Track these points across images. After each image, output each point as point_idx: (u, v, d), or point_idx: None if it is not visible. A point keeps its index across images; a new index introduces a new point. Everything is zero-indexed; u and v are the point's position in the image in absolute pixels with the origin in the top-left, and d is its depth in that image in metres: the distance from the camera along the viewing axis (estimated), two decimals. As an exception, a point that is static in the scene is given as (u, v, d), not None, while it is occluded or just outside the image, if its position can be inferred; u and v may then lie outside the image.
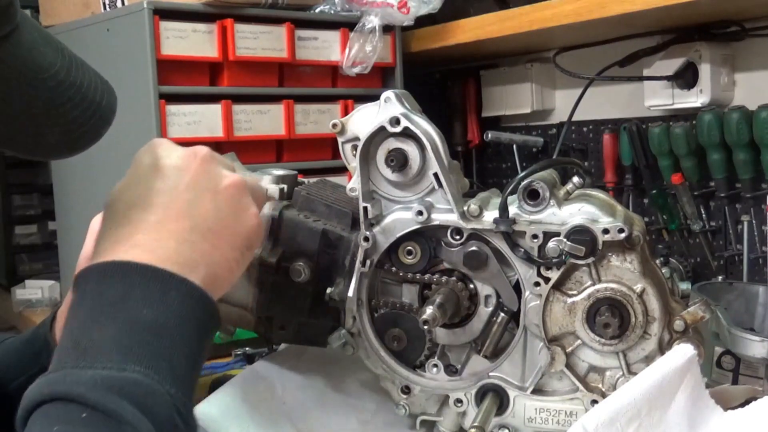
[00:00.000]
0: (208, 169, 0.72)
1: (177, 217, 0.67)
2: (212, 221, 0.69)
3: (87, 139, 0.75)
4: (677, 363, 0.78)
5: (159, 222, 0.66)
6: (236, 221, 0.71)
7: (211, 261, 0.67)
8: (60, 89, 0.70)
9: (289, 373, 0.98)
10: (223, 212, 0.70)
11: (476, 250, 0.86)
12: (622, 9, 1.33)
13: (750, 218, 1.44)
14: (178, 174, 0.70)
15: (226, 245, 0.70)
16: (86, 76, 0.74)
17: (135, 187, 0.70)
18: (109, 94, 0.76)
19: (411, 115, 0.85)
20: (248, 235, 0.73)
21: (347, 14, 1.60)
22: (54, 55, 0.71)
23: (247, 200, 0.73)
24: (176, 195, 0.69)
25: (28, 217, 2.17)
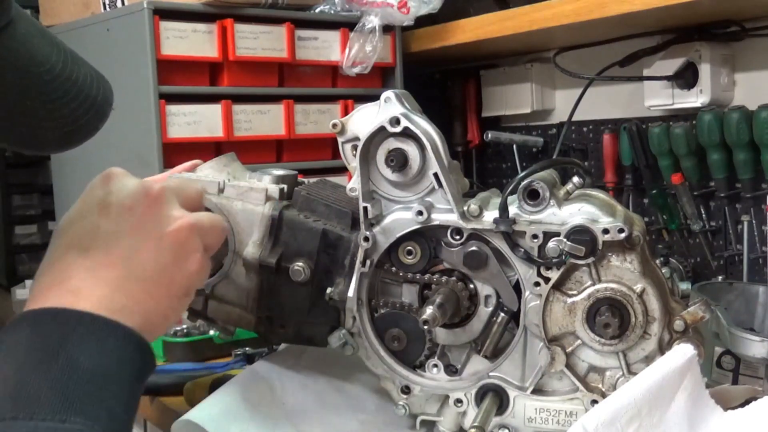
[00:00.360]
0: (157, 212, 0.71)
1: (113, 264, 0.67)
2: (150, 270, 0.69)
3: (83, 132, 0.74)
4: (677, 363, 0.78)
5: (94, 268, 0.66)
6: (177, 269, 0.71)
7: (145, 309, 0.67)
8: (55, 83, 0.70)
9: (289, 373, 0.98)
10: (163, 260, 0.70)
11: (476, 250, 0.86)
12: (622, 9, 1.33)
13: (750, 218, 1.44)
14: (124, 216, 0.69)
15: (162, 295, 0.69)
16: (82, 70, 0.73)
17: (80, 223, 0.69)
18: (105, 88, 0.76)
19: (411, 115, 0.85)
20: (187, 283, 0.72)
21: (347, 14, 1.60)
22: (49, 49, 0.70)
23: (193, 245, 0.72)
24: (117, 240, 0.68)
25: (28, 217, 2.17)
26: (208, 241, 0.74)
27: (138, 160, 1.47)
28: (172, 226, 0.71)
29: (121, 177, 0.72)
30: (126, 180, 0.72)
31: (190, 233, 0.72)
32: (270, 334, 0.93)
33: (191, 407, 0.91)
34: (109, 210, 0.69)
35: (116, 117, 1.64)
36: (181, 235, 0.71)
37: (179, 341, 1.28)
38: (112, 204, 0.69)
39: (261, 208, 0.89)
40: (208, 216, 0.77)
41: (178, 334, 1.29)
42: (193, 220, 0.72)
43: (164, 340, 1.29)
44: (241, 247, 0.89)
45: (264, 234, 0.89)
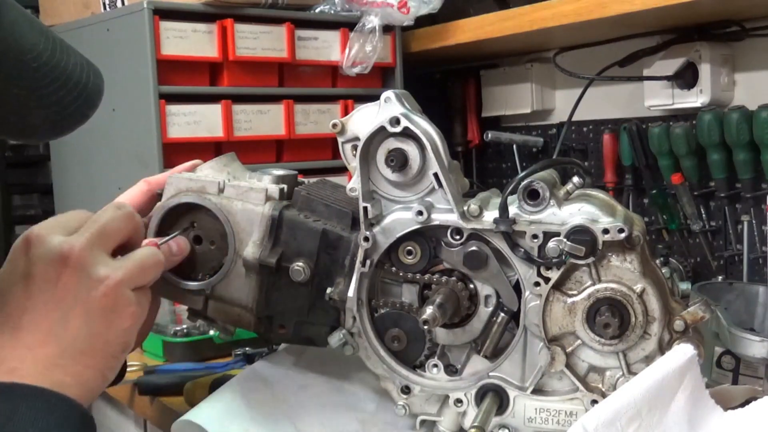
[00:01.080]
0: (81, 277, 0.70)
1: (45, 342, 0.67)
2: (82, 341, 0.69)
3: (73, 120, 0.74)
4: (677, 363, 0.78)
5: (28, 347, 0.67)
6: (110, 331, 0.71)
7: (84, 380, 0.69)
8: (44, 70, 0.69)
9: (289, 373, 0.98)
10: (95, 327, 0.70)
11: (476, 250, 0.86)
12: (622, 9, 1.33)
13: (750, 218, 1.45)
14: (45, 288, 0.69)
15: (98, 360, 0.70)
16: (71, 58, 0.73)
17: (8, 298, 0.69)
18: (95, 77, 0.75)
19: (411, 115, 0.85)
20: (123, 340, 0.72)
21: (347, 14, 1.61)
22: (37, 37, 0.70)
23: (124, 301, 0.71)
24: (45, 314, 0.68)
25: (28, 217, 2.17)
26: (142, 283, 0.74)
27: (138, 160, 1.47)
28: (98, 290, 0.70)
29: (41, 242, 0.70)
30: (46, 246, 0.70)
31: (118, 292, 0.71)
32: (270, 334, 0.93)
33: (191, 407, 0.91)
34: (31, 285, 0.69)
35: (116, 117, 1.65)
36: (110, 298, 0.70)
37: (179, 341, 1.28)
38: (35, 276, 0.69)
39: (261, 208, 0.89)
40: (138, 258, 0.74)
41: (178, 334, 1.29)
42: (120, 277, 0.71)
43: (164, 340, 1.29)
44: (241, 247, 0.89)
45: (264, 234, 0.89)
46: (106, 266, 0.71)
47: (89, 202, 1.60)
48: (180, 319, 1.32)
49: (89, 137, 1.61)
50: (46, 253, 0.70)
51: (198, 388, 1.08)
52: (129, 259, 0.74)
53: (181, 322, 1.30)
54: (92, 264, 0.70)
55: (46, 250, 0.70)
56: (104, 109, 1.66)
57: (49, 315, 0.68)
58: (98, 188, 1.61)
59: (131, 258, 0.74)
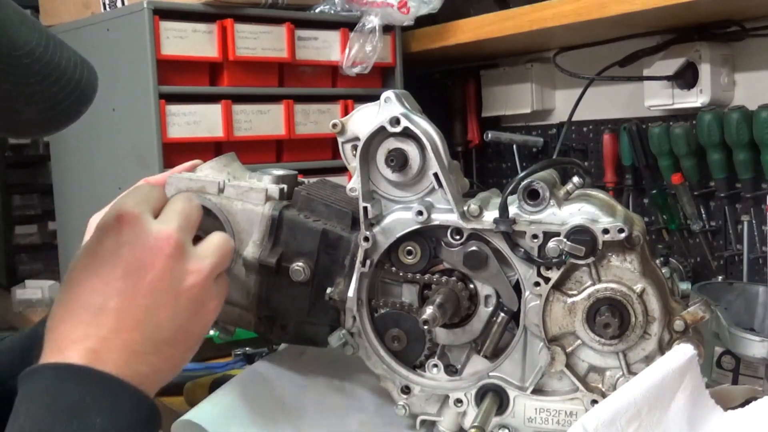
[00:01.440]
0: (174, 267, 0.69)
1: (131, 327, 0.67)
2: (167, 331, 0.69)
3: (65, 117, 0.73)
4: (677, 363, 0.78)
5: (112, 330, 0.66)
6: (193, 324, 0.71)
7: (159, 370, 0.69)
8: (36, 66, 0.68)
9: (289, 373, 0.98)
10: (180, 319, 0.70)
11: (476, 250, 0.86)
12: (622, 9, 1.33)
13: (750, 218, 1.44)
14: (140, 272, 0.68)
15: (178, 353, 0.71)
16: (65, 54, 0.72)
17: (93, 277, 0.68)
18: (89, 73, 0.75)
19: (411, 115, 0.85)
20: (203, 332, 0.73)
21: (347, 14, 1.60)
22: (29, 33, 0.69)
23: (210, 295, 0.72)
24: (134, 300, 0.67)
25: (28, 217, 2.17)
26: (222, 269, 0.74)
27: (138, 160, 1.47)
28: (187, 282, 0.70)
29: (134, 224, 0.70)
30: (142, 229, 0.69)
31: (207, 284, 0.71)
32: (270, 334, 0.93)
33: (191, 407, 0.91)
34: (126, 265, 0.68)
35: (116, 117, 1.65)
36: (198, 289, 0.71)
37: (179, 341, 1.28)
38: (128, 259, 0.68)
39: (261, 208, 0.89)
40: (218, 246, 0.74)
41: (178, 334, 1.29)
42: (209, 269, 0.71)
43: (164, 340, 1.29)
44: (241, 247, 0.89)
45: (264, 234, 0.89)
46: (196, 257, 0.71)
47: (89, 202, 1.61)
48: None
49: (89, 137, 1.61)
50: (142, 237, 0.69)
51: (198, 388, 1.08)
52: (210, 249, 0.73)
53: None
54: (186, 254, 0.70)
55: (142, 235, 0.69)
56: (104, 109, 1.67)
57: (139, 301, 0.67)
58: (98, 188, 1.61)
59: (212, 247, 0.74)
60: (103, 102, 1.61)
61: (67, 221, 1.77)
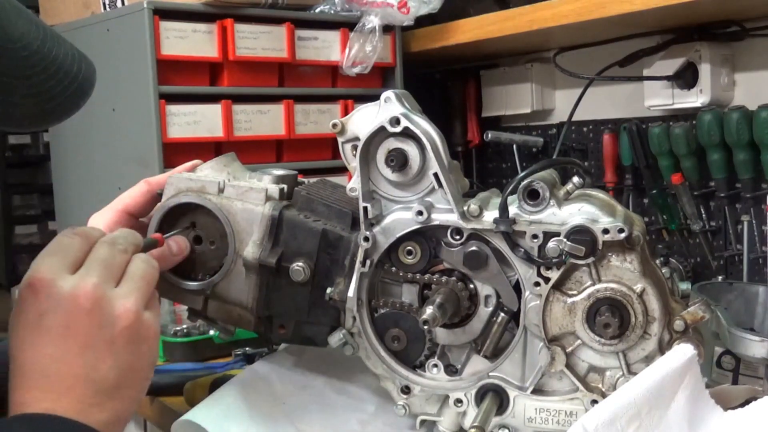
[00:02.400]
0: (100, 318, 0.68)
1: (77, 386, 0.67)
2: (114, 377, 0.69)
3: (62, 110, 0.74)
4: (677, 363, 0.78)
5: (60, 393, 0.67)
6: (139, 359, 0.71)
7: (121, 411, 0.69)
8: (33, 59, 0.69)
9: (289, 373, 0.98)
10: (123, 360, 0.69)
11: (476, 250, 0.86)
12: (622, 9, 1.33)
13: (750, 218, 1.44)
14: (66, 336, 0.68)
15: (133, 390, 0.71)
16: (62, 48, 0.72)
17: (28, 347, 0.68)
18: (87, 66, 0.75)
19: (411, 115, 0.85)
20: (152, 361, 0.73)
21: (347, 14, 1.60)
22: (26, 26, 0.69)
23: (145, 327, 0.71)
24: (70, 363, 0.67)
25: (28, 217, 2.17)
26: (149, 294, 0.73)
27: (138, 160, 1.47)
28: (118, 326, 0.69)
29: (49, 289, 0.68)
30: (56, 293, 0.68)
31: (138, 319, 0.71)
32: (270, 334, 0.93)
33: (191, 407, 0.91)
34: (50, 335, 0.67)
35: (116, 117, 1.65)
36: (132, 329, 0.70)
37: (179, 341, 1.28)
38: (51, 327, 0.67)
39: (261, 208, 0.89)
40: (140, 274, 0.73)
41: (178, 334, 1.29)
42: (135, 305, 0.70)
43: (164, 340, 1.29)
44: (241, 247, 0.89)
45: (264, 234, 0.89)
46: (119, 299, 0.70)
47: (89, 202, 1.60)
48: (180, 319, 1.32)
49: (89, 137, 1.61)
50: (59, 301, 0.68)
51: (198, 388, 1.07)
52: (132, 282, 0.72)
53: (181, 322, 1.30)
54: (109, 301, 0.69)
55: (58, 298, 0.68)
56: (104, 109, 1.67)
57: (76, 361, 0.67)
58: (98, 188, 1.61)
59: (134, 280, 0.73)
60: (103, 102, 1.62)
61: (67, 221, 1.77)
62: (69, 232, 0.73)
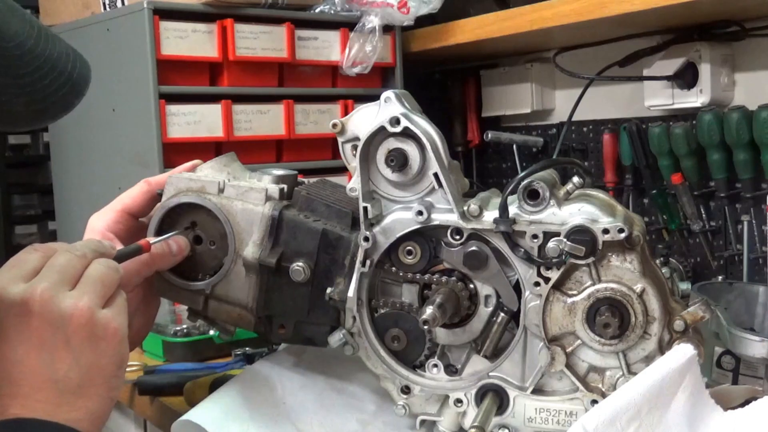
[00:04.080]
0: (49, 319, 0.68)
1: (42, 388, 0.67)
2: (77, 377, 0.68)
3: (56, 109, 0.73)
4: (677, 363, 0.78)
5: (27, 395, 0.67)
6: (101, 357, 0.70)
7: (93, 409, 0.69)
8: (26, 58, 0.68)
9: (289, 373, 0.98)
10: (85, 358, 0.69)
11: (476, 250, 0.86)
12: (622, 9, 1.33)
13: (750, 218, 1.44)
14: (22, 339, 0.68)
15: (101, 387, 0.70)
16: (56, 46, 0.72)
17: None
18: (82, 65, 0.74)
19: (411, 115, 0.85)
20: (118, 358, 0.71)
21: (347, 14, 1.61)
22: (20, 25, 0.69)
23: (101, 323, 0.70)
24: (30, 365, 0.68)
25: (28, 217, 2.17)
26: (109, 295, 0.72)
27: (138, 160, 1.47)
28: (72, 325, 0.69)
29: (2, 297, 0.69)
30: (8, 299, 0.68)
31: (91, 317, 0.69)
32: (270, 334, 0.93)
33: (191, 407, 0.91)
34: (9, 337, 0.68)
35: (116, 117, 1.65)
36: (86, 327, 0.69)
37: (179, 341, 1.28)
38: (8, 330, 0.68)
39: (261, 208, 0.89)
40: (94, 275, 0.72)
41: (178, 334, 1.29)
42: (86, 303, 0.69)
43: (164, 340, 1.29)
44: (241, 247, 0.89)
45: (264, 234, 0.89)
46: (69, 298, 0.69)
47: (89, 202, 1.61)
48: (180, 319, 1.32)
49: (89, 137, 1.61)
50: (9, 307, 0.68)
51: (198, 388, 1.07)
52: (87, 282, 0.71)
53: (181, 322, 1.30)
54: (55, 302, 0.69)
55: (9, 305, 0.68)
56: (104, 109, 1.67)
57: (35, 363, 0.68)
58: (98, 188, 1.61)
59: (87, 279, 0.72)
60: (103, 102, 1.62)
61: (67, 221, 1.77)
62: (29, 249, 0.74)
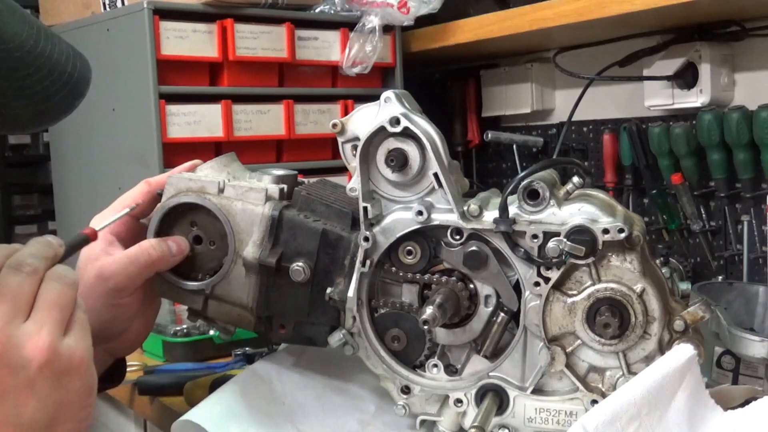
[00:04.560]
0: (8, 363, 0.62)
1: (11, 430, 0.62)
2: (46, 416, 0.63)
3: (58, 110, 0.71)
4: (677, 363, 0.78)
5: None
6: (67, 392, 0.64)
7: None
8: (27, 59, 0.66)
9: (289, 373, 0.98)
10: (49, 400, 0.63)
11: (476, 250, 0.86)
12: (622, 9, 1.33)
13: (750, 218, 1.44)
14: None
15: (70, 422, 0.65)
16: (56, 46, 0.70)
17: None
18: (82, 65, 0.73)
19: (411, 115, 0.85)
20: (86, 387, 0.66)
21: (347, 14, 1.61)
22: (20, 25, 0.67)
23: (64, 357, 0.64)
24: None
25: (28, 217, 2.17)
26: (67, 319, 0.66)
27: (138, 160, 1.47)
28: (33, 366, 0.62)
29: None
30: None
31: (53, 353, 0.63)
32: (270, 334, 0.93)
33: (191, 407, 0.91)
34: None
35: (116, 117, 1.65)
36: (49, 366, 0.63)
37: (179, 341, 1.29)
38: None
39: (261, 208, 0.89)
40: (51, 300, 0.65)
41: (178, 334, 1.29)
42: (47, 339, 0.63)
43: (164, 340, 1.30)
44: (240, 247, 0.89)
45: (264, 234, 0.89)
46: (28, 337, 0.63)
47: (89, 202, 1.61)
48: (180, 319, 1.32)
49: (89, 137, 1.61)
50: None
51: (198, 388, 1.08)
52: (43, 309, 0.65)
53: (181, 322, 1.30)
54: (15, 344, 0.62)
55: None
56: (104, 109, 1.67)
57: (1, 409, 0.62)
58: (98, 188, 1.61)
59: (44, 305, 0.65)
60: (103, 102, 1.62)
61: (67, 221, 1.77)
62: None
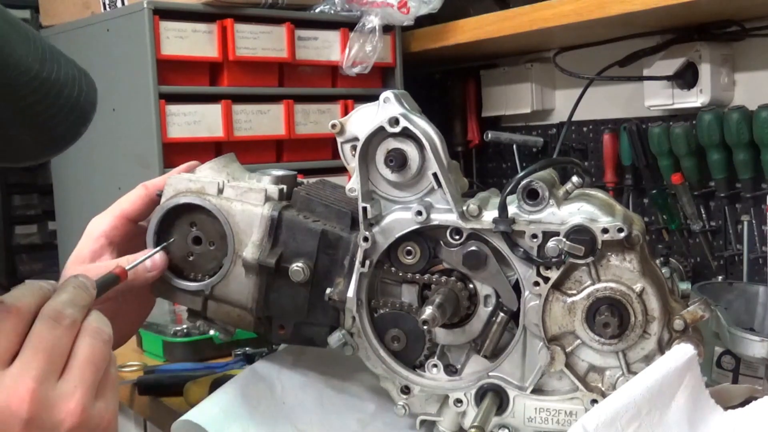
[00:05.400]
0: (40, 421, 0.59)
1: None
2: None
3: (64, 141, 0.67)
4: (677, 362, 0.78)
5: None
6: None
7: None
8: (33, 85, 0.61)
9: (289, 373, 0.98)
10: None
11: (476, 250, 0.86)
12: (622, 9, 1.33)
13: (750, 218, 1.44)
14: None
15: None
16: (62, 68, 0.65)
17: None
18: (88, 87, 0.68)
19: (410, 115, 0.85)
20: None
21: (347, 14, 1.61)
22: (25, 47, 0.61)
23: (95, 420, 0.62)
24: None
25: (28, 217, 2.17)
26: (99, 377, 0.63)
27: (138, 160, 1.47)
28: (63, 427, 0.60)
29: None
30: None
31: (85, 415, 0.61)
32: (270, 334, 0.93)
33: (191, 407, 0.91)
34: None
35: (116, 117, 1.65)
36: (79, 428, 0.61)
37: (179, 341, 1.28)
38: None
39: (260, 209, 0.89)
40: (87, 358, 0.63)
41: (178, 334, 1.29)
42: (82, 404, 0.61)
43: (164, 340, 1.29)
44: (240, 248, 0.89)
45: (263, 234, 0.89)
46: (62, 400, 0.60)
47: (89, 202, 1.61)
48: (180, 319, 1.32)
49: (89, 137, 1.60)
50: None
51: (198, 388, 1.08)
52: (78, 367, 0.62)
53: (181, 322, 1.30)
54: (48, 406, 0.60)
55: None
56: (104, 109, 1.67)
57: None
58: (98, 188, 1.61)
59: (78, 363, 0.62)
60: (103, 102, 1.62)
61: (67, 221, 1.77)
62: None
